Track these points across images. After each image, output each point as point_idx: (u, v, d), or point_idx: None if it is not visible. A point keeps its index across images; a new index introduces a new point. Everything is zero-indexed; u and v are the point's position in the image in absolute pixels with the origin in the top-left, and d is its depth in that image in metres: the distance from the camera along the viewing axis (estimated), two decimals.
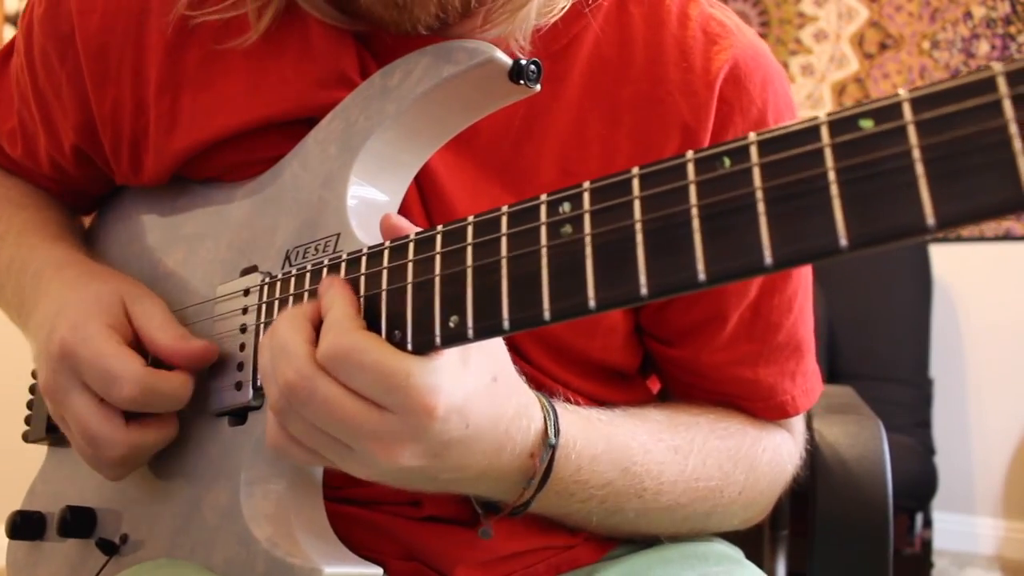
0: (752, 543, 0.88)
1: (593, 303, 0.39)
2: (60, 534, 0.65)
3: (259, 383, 0.57)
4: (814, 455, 0.80)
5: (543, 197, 0.43)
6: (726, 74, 0.62)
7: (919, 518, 2.21)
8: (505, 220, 0.44)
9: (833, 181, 0.33)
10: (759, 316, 0.65)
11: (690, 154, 0.38)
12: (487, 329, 0.43)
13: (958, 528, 2.64)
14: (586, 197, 0.41)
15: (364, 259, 0.51)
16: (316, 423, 0.47)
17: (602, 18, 0.63)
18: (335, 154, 0.59)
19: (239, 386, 0.58)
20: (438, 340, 0.45)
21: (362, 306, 0.50)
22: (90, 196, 0.79)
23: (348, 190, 0.58)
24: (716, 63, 0.62)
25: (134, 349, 0.59)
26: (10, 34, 2.57)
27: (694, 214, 0.37)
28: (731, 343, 0.65)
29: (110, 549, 0.63)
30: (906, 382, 2.43)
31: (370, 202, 0.59)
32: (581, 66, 0.63)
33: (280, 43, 0.63)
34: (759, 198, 0.35)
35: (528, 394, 0.54)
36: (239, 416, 0.59)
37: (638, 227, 0.38)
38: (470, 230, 0.45)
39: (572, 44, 0.63)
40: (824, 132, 0.34)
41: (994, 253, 2.68)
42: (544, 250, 0.41)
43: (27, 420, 0.73)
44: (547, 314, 0.41)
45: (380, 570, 0.54)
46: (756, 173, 0.35)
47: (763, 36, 2.92)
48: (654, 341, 0.67)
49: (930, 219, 0.31)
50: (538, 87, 0.55)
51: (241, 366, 0.58)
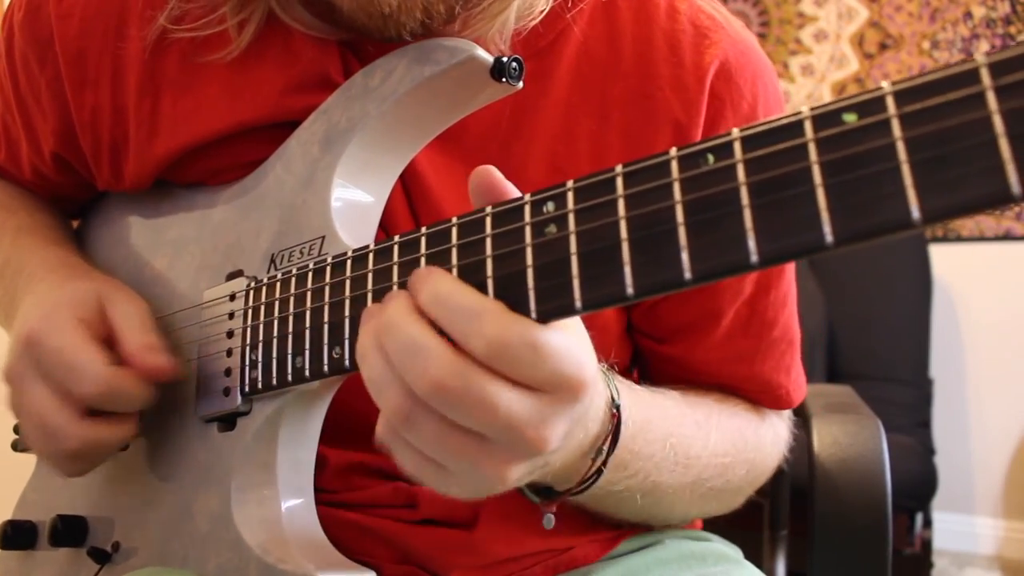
0: (751, 543, 0.87)
1: (579, 304, 0.39)
2: (52, 543, 0.65)
3: (248, 386, 0.56)
4: (814, 455, 0.80)
5: (527, 197, 0.42)
6: (716, 69, 0.61)
7: (919, 518, 2.21)
8: (489, 220, 0.43)
9: (818, 176, 0.33)
10: (755, 313, 0.65)
11: (674, 151, 0.37)
12: None
13: (958, 528, 2.64)
14: (570, 196, 0.40)
15: (349, 262, 0.51)
16: (464, 423, 0.42)
17: (589, 14, 0.63)
18: (318, 156, 0.59)
19: (227, 392, 0.58)
20: None
21: (348, 308, 0.49)
22: (74, 201, 0.79)
23: (332, 192, 0.57)
24: (706, 58, 0.62)
25: (106, 347, 0.59)
26: None
27: (679, 212, 0.36)
28: (727, 340, 0.65)
29: (102, 557, 0.63)
30: (906, 382, 2.43)
31: (354, 203, 0.58)
32: (568, 63, 0.62)
33: (262, 48, 0.63)
34: (743, 194, 0.35)
35: None
36: (228, 422, 0.58)
37: (623, 226, 0.38)
38: (454, 231, 0.45)
39: (557, 41, 0.62)
40: (808, 127, 0.33)
41: (994, 253, 2.68)
42: (529, 250, 0.41)
43: (15, 429, 0.72)
44: (533, 314, 0.40)
45: (373, 574, 0.54)
46: (740, 169, 0.35)
47: (763, 36, 2.93)
48: (646, 339, 0.67)
49: (915, 213, 0.30)
50: (520, 84, 0.54)
51: (229, 372, 0.58)
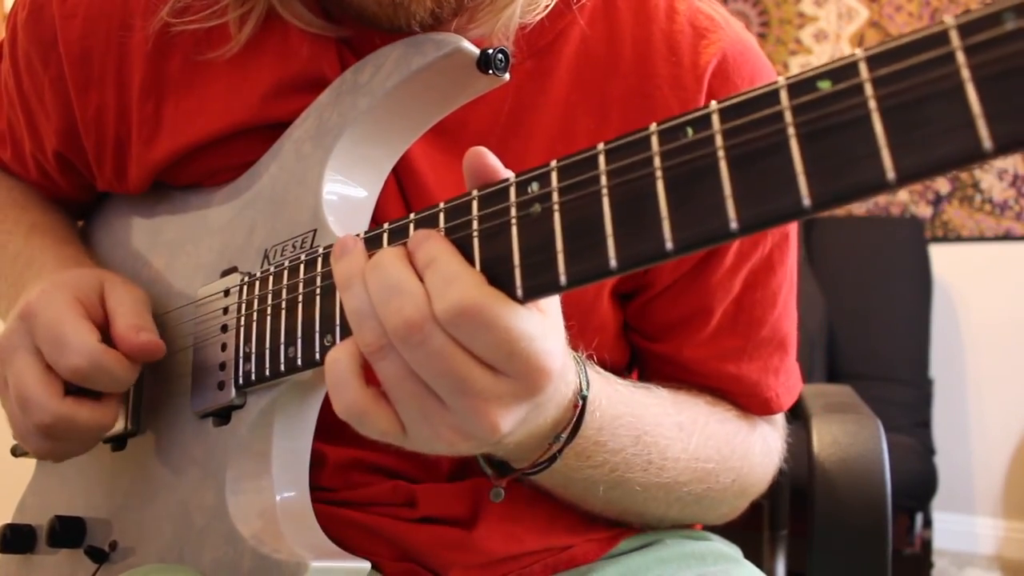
0: (751, 543, 0.87)
1: (564, 279, 0.40)
2: (50, 545, 0.65)
3: (242, 379, 0.57)
4: (813, 455, 0.80)
5: (512, 178, 0.43)
6: (714, 68, 0.62)
7: (919, 518, 2.21)
8: (476, 203, 0.44)
9: (794, 141, 0.33)
10: (742, 310, 0.65)
11: (654, 126, 0.38)
12: None
13: (958, 528, 2.64)
14: (554, 175, 0.41)
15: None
16: (420, 370, 0.42)
17: (589, 13, 0.63)
18: (310, 152, 0.59)
19: (222, 386, 0.58)
20: None
21: (338, 295, 0.49)
22: (75, 204, 0.79)
23: (324, 186, 0.58)
24: (704, 57, 0.62)
25: (100, 329, 0.59)
26: None
27: (659, 183, 0.37)
28: (714, 338, 0.65)
29: (100, 557, 0.63)
30: (906, 382, 2.44)
31: (346, 197, 0.59)
32: (568, 61, 0.63)
33: (260, 48, 0.63)
34: (721, 160, 0.35)
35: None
36: (222, 416, 0.59)
37: (605, 200, 0.39)
38: (442, 215, 0.45)
39: (558, 39, 0.63)
40: (783, 95, 0.34)
41: (994, 253, 2.68)
42: (514, 229, 0.42)
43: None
44: (519, 291, 0.41)
45: (367, 564, 0.54)
46: (718, 139, 0.36)
47: (763, 36, 2.93)
48: (639, 336, 0.67)
49: (890, 173, 0.31)
50: (507, 76, 0.55)
51: (223, 366, 0.58)
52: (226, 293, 0.59)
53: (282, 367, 0.53)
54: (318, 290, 0.52)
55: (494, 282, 0.41)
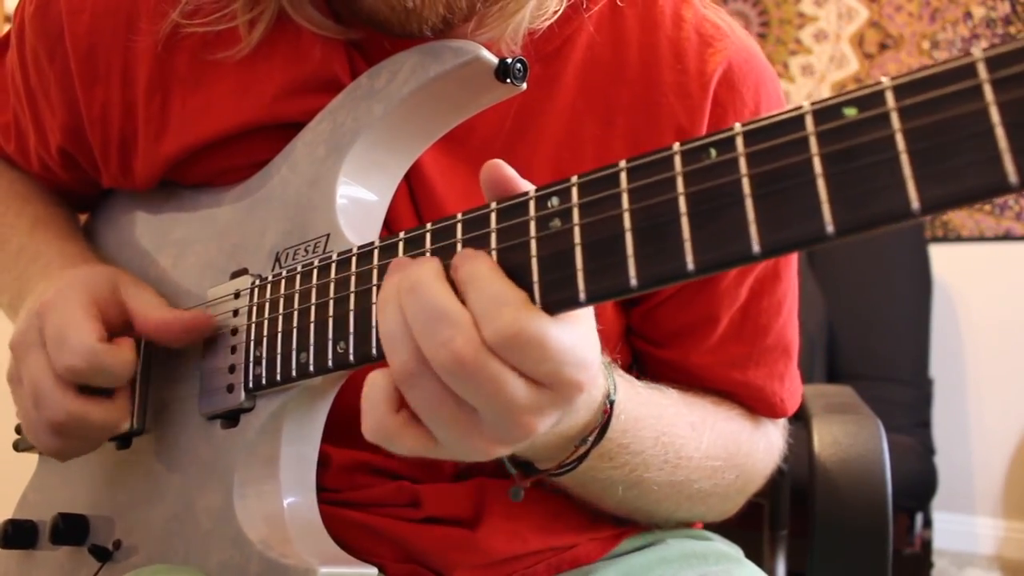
0: (751, 543, 0.88)
1: (583, 296, 0.40)
2: (53, 542, 0.65)
3: (252, 383, 0.57)
4: (814, 455, 0.80)
5: (531, 192, 0.43)
6: (720, 76, 0.62)
7: (919, 518, 2.21)
8: (494, 216, 0.44)
9: (818, 168, 0.33)
10: (748, 318, 0.65)
11: (677, 146, 0.38)
12: None
13: (958, 528, 2.64)
14: (575, 191, 0.41)
15: (354, 258, 0.51)
16: (466, 395, 0.41)
17: (595, 19, 0.63)
18: (323, 156, 0.59)
19: (231, 388, 0.58)
20: None
21: (353, 303, 0.50)
22: (78, 197, 0.79)
23: (337, 191, 0.58)
24: (710, 65, 0.62)
25: (120, 330, 0.60)
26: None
27: (682, 204, 0.37)
28: (721, 345, 0.65)
29: (103, 555, 0.63)
30: (906, 382, 2.43)
31: (359, 202, 0.59)
32: (575, 67, 0.63)
33: (271, 48, 0.63)
34: (745, 186, 0.35)
35: None
36: (231, 419, 0.59)
37: (626, 219, 0.39)
38: (459, 227, 0.45)
39: (565, 45, 0.63)
40: (809, 121, 0.34)
41: (994, 253, 2.67)
42: (533, 244, 0.41)
43: (17, 429, 0.72)
44: (538, 307, 0.41)
45: (374, 570, 0.54)
46: (742, 162, 0.36)
47: (763, 36, 2.92)
48: (643, 342, 0.67)
49: (915, 203, 0.31)
50: (524, 85, 0.55)
51: (233, 368, 0.58)
52: (236, 295, 0.59)
53: (294, 372, 0.53)
54: (332, 296, 0.51)
55: None
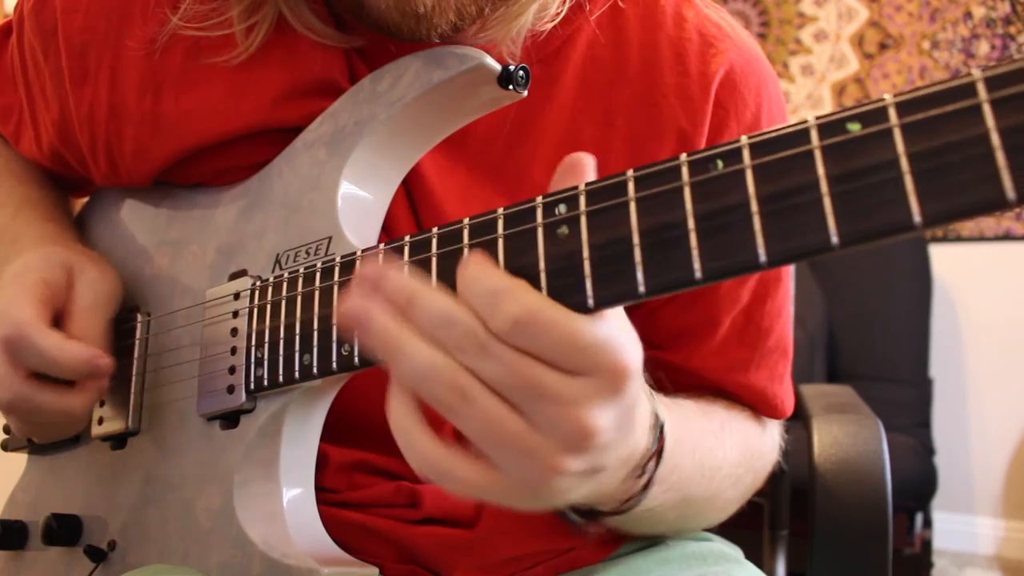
0: (751, 543, 0.88)
1: (591, 302, 0.40)
2: (45, 542, 0.65)
3: (252, 384, 0.57)
4: (814, 455, 0.80)
5: (539, 199, 0.43)
6: (722, 78, 0.62)
7: (919, 518, 2.21)
8: (501, 222, 0.44)
9: (824, 182, 0.34)
10: (751, 321, 0.65)
11: (684, 157, 0.38)
12: None
13: (958, 528, 2.64)
14: (582, 199, 0.41)
15: (359, 262, 0.51)
16: (506, 391, 0.40)
17: (596, 19, 0.63)
18: (324, 158, 0.59)
19: (231, 389, 0.58)
20: None
21: None
22: (71, 182, 0.79)
23: (339, 193, 0.58)
24: (712, 67, 0.62)
25: (59, 312, 0.61)
26: None
27: (689, 214, 0.38)
28: (723, 348, 0.65)
29: (98, 556, 0.62)
30: (906, 382, 2.43)
31: (358, 205, 0.59)
32: (575, 68, 0.63)
33: (268, 51, 0.63)
34: (752, 198, 0.36)
35: None
36: (231, 420, 0.59)
37: (634, 227, 0.39)
38: (466, 232, 0.45)
39: (565, 46, 0.63)
40: (814, 135, 0.35)
41: (994, 253, 2.68)
42: (541, 251, 0.42)
43: (6, 429, 0.72)
44: None
45: (376, 570, 0.54)
46: (748, 174, 0.36)
47: (763, 36, 2.92)
48: (644, 344, 0.67)
49: (917, 217, 0.32)
50: (526, 92, 0.55)
51: (233, 369, 0.58)
52: (236, 296, 0.59)
53: (296, 374, 0.53)
54: (336, 299, 0.51)
55: None
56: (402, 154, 0.60)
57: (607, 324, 0.40)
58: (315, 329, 0.52)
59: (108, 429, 0.65)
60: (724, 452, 0.61)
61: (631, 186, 0.40)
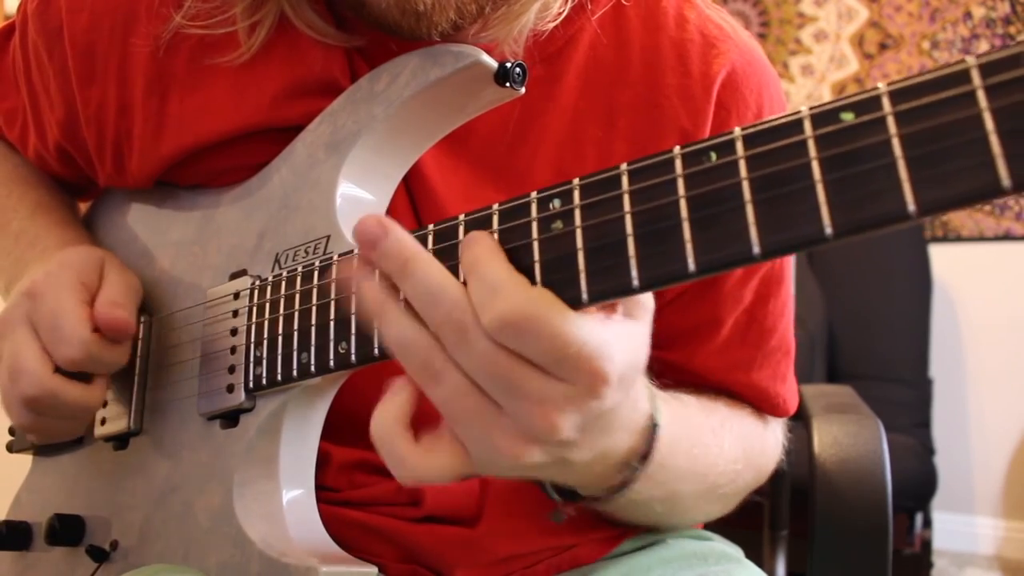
0: (751, 543, 0.88)
1: (586, 296, 0.40)
2: (48, 543, 0.65)
3: (252, 383, 0.57)
4: (814, 455, 0.80)
5: (533, 194, 0.43)
6: (723, 79, 0.62)
7: (919, 518, 2.21)
8: (496, 217, 0.44)
9: (817, 171, 0.34)
10: (754, 321, 0.65)
11: (677, 149, 0.39)
12: None
13: (958, 528, 2.64)
14: (576, 193, 0.41)
15: (355, 260, 0.51)
16: (477, 376, 0.41)
17: (598, 20, 0.63)
18: (323, 158, 0.60)
19: (231, 388, 0.58)
20: None
21: (354, 304, 0.50)
22: (76, 187, 0.79)
23: (337, 192, 0.58)
24: (714, 67, 0.62)
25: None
26: None
27: (682, 206, 0.38)
28: (726, 348, 0.65)
29: (100, 556, 0.63)
30: (906, 382, 2.43)
31: (358, 204, 0.59)
32: (577, 68, 0.63)
33: (269, 50, 0.63)
34: (745, 189, 0.36)
35: None
36: (230, 419, 0.59)
37: (628, 220, 0.39)
38: (461, 228, 0.45)
39: (567, 46, 0.63)
40: (807, 125, 0.35)
41: (994, 253, 2.68)
42: (535, 245, 0.42)
43: (11, 431, 0.72)
44: None
45: (374, 569, 0.54)
46: (742, 165, 0.36)
47: (763, 36, 2.92)
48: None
49: (911, 206, 0.32)
50: (523, 90, 0.55)
51: (233, 369, 0.58)
52: (236, 296, 0.59)
53: (295, 373, 0.54)
54: (333, 297, 0.52)
55: None
56: (401, 153, 0.60)
57: (598, 330, 0.40)
58: (312, 327, 0.53)
59: (110, 429, 0.66)
60: (721, 449, 0.61)
61: (625, 179, 0.40)
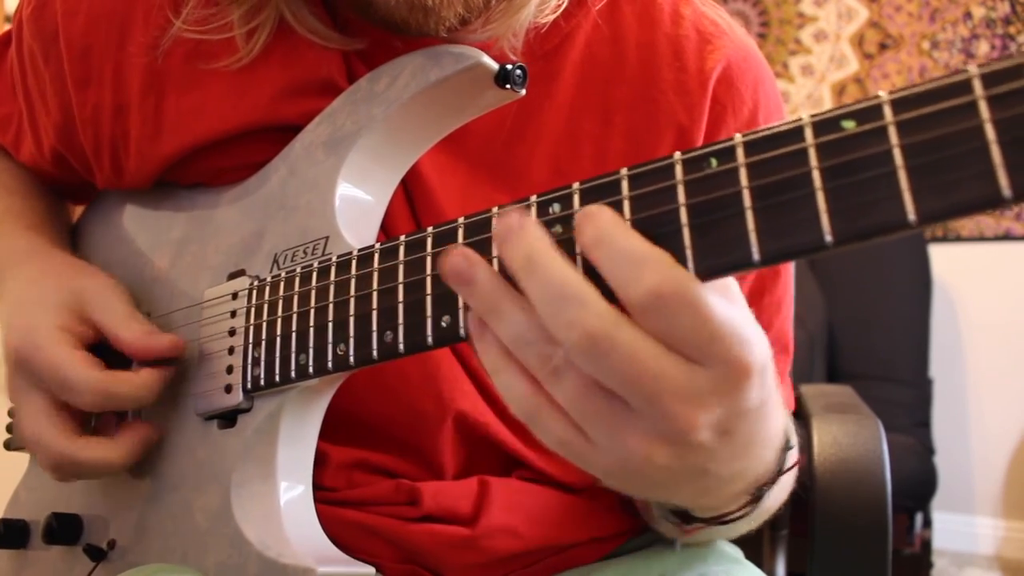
0: (752, 543, 0.87)
1: None
2: (46, 541, 0.65)
3: (250, 383, 0.57)
4: (814, 455, 0.80)
5: (533, 198, 0.43)
6: (719, 75, 0.62)
7: (919, 518, 2.21)
8: (496, 221, 0.43)
9: (817, 179, 0.34)
10: None
11: (678, 155, 0.38)
12: None
13: (958, 528, 2.64)
14: (575, 198, 0.41)
15: (354, 261, 0.51)
16: (607, 380, 0.37)
17: (594, 17, 0.63)
18: (322, 158, 0.59)
19: (229, 389, 0.58)
20: (430, 340, 0.45)
21: (353, 306, 0.49)
22: (71, 190, 0.79)
23: (336, 193, 0.58)
24: (709, 63, 0.62)
25: (95, 347, 0.60)
26: None
27: (682, 213, 0.37)
28: None
29: (98, 555, 0.62)
30: (906, 382, 2.43)
31: (357, 204, 0.59)
32: (573, 65, 0.63)
33: (268, 51, 0.63)
34: (746, 196, 0.36)
35: None
36: (228, 419, 0.58)
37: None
38: (460, 231, 0.45)
39: (564, 43, 0.63)
40: (808, 133, 0.35)
41: (994, 253, 2.68)
42: None
43: (8, 428, 0.72)
44: None
45: (372, 569, 0.54)
46: (743, 173, 0.36)
47: (763, 36, 2.92)
48: None
49: (911, 215, 0.32)
50: (523, 91, 0.55)
51: (230, 369, 0.58)
52: (234, 296, 0.59)
53: (293, 374, 0.54)
54: (332, 299, 0.52)
55: None
56: (400, 154, 0.60)
57: (736, 312, 0.37)
58: (311, 328, 0.53)
59: None
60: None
61: (625, 184, 0.40)
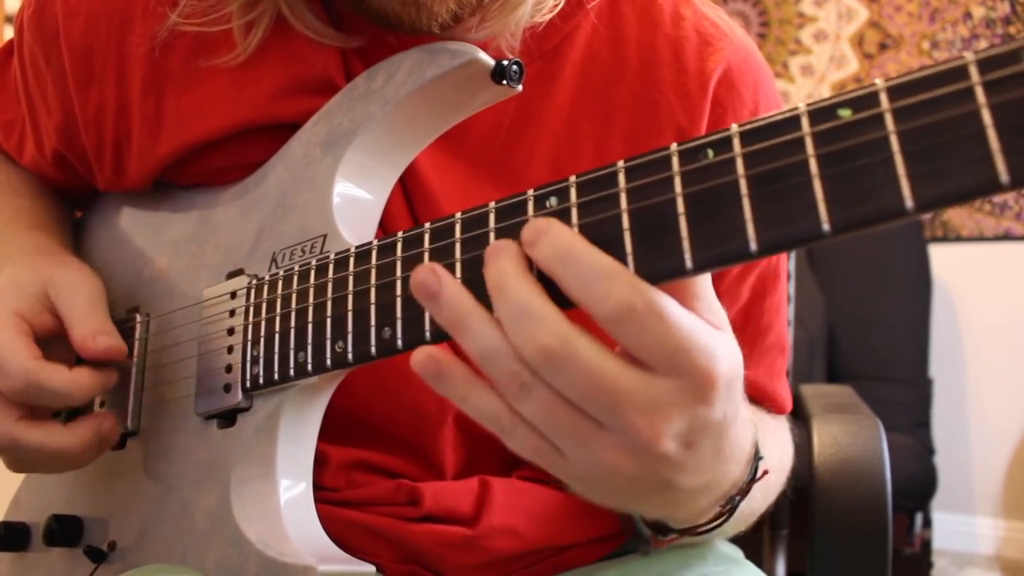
0: (752, 543, 0.87)
1: None
2: (46, 543, 0.65)
3: (249, 382, 0.57)
4: (813, 455, 0.80)
5: (530, 192, 0.43)
6: (719, 76, 0.62)
7: (919, 518, 2.21)
8: (493, 216, 0.44)
9: (814, 168, 0.34)
10: (751, 319, 0.65)
11: (674, 146, 0.38)
12: None
13: (958, 528, 2.64)
14: (573, 191, 0.41)
15: (352, 258, 0.51)
16: (569, 394, 0.38)
17: (595, 17, 0.63)
18: (320, 156, 0.60)
19: (228, 388, 0.58)
20: (428, 336, 0.45)
21: (351, 303, 0.49)
22: (71, 194, 0.79)
23: (333, 191, 0.58)
24: (710, 64, 0.62)
25: (53, 336, 0.60)
26: (10, 34, 2.63)
27: (679, 203, 0.37)
28: None
29: (98, 556, 0.62)
30: (906, 382, 2.43)
31: (355, 203, 0.59)
32: (573, 66, 0.63)
33: (266, 49, 0.63)
34: (743, 186, 0.36)
35: None
36: (228, 419, 0.58)
37: (625, 218, 0.39)
38: (458, 226, 0.45)
39: (564, 43, 0.63)
40: (804, 121, 0.35)
41: (994, 253, 2.68)
42: None
43: None
44: None
45: (372, 568, 0.54)
46: (739, 162, 0.36)
47: (763, 36, 2.92)
48: None
49: (909, 202, 0.32)
50: (520, 87, 0.55)
51: (230, 368, 0.58)
52: (233, 295, 0.59)
53: (291, 371, 0.54)
54: (330, 296, 0.52)
55: None
56: (398, 151, 0.60)
57: (705, 327, 0.38)
58: (309, 326, 0.53)
59: None
60: (771, 455, 0.58)
61: (622, 177, 0.40)
